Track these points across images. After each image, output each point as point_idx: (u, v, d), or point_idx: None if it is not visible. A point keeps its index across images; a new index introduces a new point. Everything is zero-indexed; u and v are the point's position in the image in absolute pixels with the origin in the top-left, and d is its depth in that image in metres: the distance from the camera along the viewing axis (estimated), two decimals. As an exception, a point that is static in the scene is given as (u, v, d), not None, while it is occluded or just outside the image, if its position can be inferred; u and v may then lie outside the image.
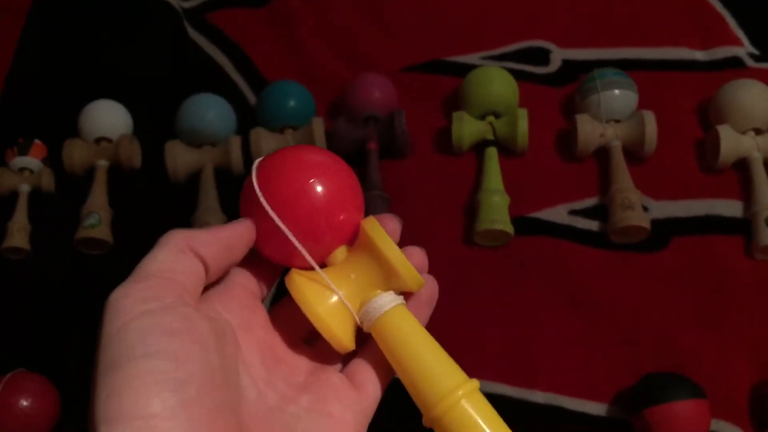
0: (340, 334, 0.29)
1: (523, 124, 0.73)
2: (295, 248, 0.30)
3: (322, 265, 0.31)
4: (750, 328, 0.66)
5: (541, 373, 0.66)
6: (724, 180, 0.73)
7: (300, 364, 0.31)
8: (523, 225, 0.72)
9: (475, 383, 0.28)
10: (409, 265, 0.30)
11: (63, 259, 0.75)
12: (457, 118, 0.75)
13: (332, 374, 0.30)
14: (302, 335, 0.32)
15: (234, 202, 0.74)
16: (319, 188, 0.30)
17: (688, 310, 0.67)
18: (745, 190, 0.72)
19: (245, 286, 0.31)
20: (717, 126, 0.72)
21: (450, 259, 0.72)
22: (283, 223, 0.29)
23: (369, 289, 0.30)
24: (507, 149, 0.76)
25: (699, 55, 0.81)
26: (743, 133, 0.72)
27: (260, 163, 0.31)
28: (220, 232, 0.29)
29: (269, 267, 0.32)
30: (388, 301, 0.30)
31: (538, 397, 0.65)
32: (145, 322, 0.24)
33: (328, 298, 0.30)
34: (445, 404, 0.27)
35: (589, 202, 0.74)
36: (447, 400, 0.27)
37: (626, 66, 0.78)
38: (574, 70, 0.81)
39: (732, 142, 0.71)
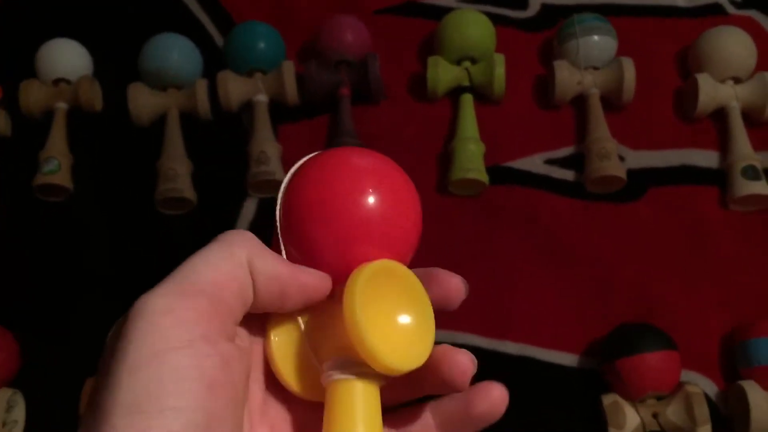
0: (285, 373, 0.26)
1: (500, 71, 0.71)
2: (314, 255, 0.26)
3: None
4: (722, 279, 0.66)
5: (513, 323, 0.65)
6: (702, 130, 0.72)
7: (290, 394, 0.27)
8: (499, 174, 0.71)
9: None
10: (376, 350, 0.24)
11: (21, 206, 0.72)
12: (432, 63, 0.73)
13: None
14: None
15: (200, 148, 0.73)
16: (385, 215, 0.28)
17: (662, 261, 0.67)
18: (722, 141, 0.71)
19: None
20: (696, 74, 0.71)
21: (424, 208, 0.70)
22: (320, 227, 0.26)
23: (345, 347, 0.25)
24: (483, 96, 0.74)
25: (680, 1, 0.79)
26: (722, 81, 0.71)
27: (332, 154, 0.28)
28: (294, 272, 0.25)
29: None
30: (347, 371, 0.25)
31: (510, 347, 0.65)
32: (184, 362, 0.21)
33: (290, 331, 0.26)
34: None
35: (566, 151, 0.72)
36: None
37: (606, 11, 0.76)
38: (553, 15, 0.79)
39: (710, 91, 0.70)
